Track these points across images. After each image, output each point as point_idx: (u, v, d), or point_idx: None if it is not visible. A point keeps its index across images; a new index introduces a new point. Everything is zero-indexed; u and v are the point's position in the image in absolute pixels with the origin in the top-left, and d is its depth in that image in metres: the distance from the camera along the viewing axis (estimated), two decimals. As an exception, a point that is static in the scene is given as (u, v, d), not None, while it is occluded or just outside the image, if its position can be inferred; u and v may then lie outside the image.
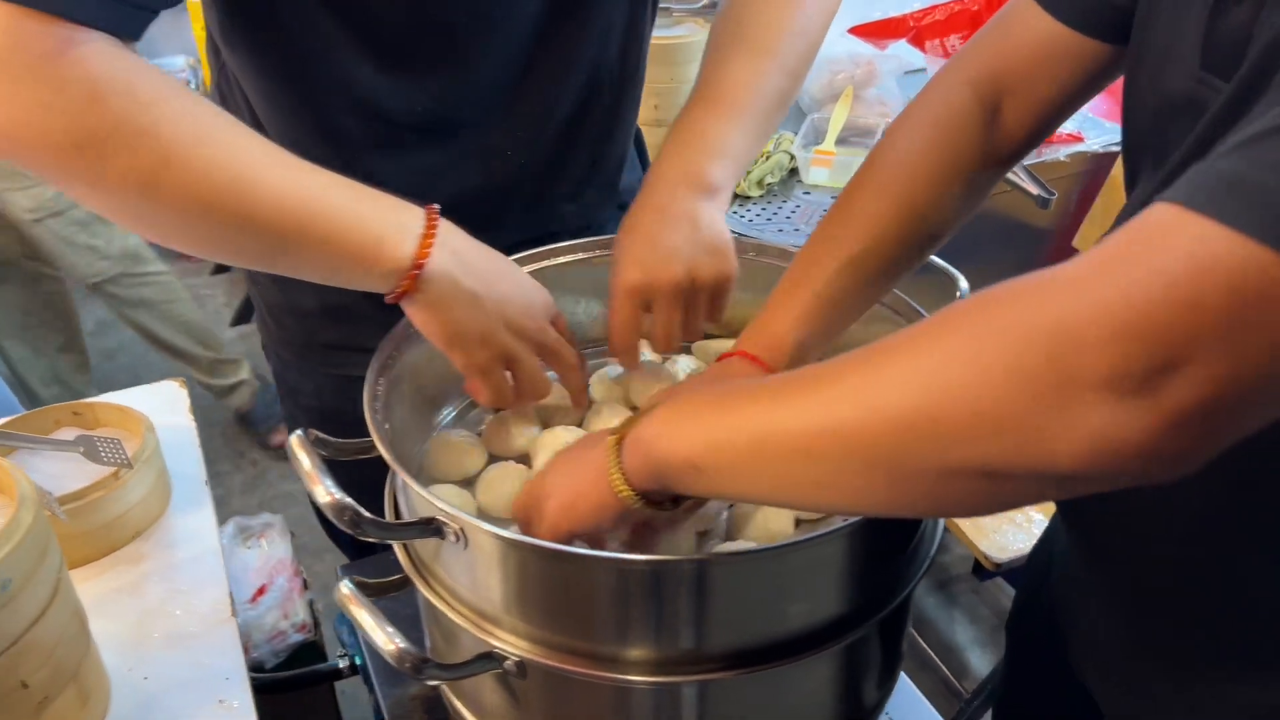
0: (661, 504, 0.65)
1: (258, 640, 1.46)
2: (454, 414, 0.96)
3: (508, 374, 0.82)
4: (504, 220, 0.98)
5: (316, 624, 1.61)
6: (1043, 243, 1.91)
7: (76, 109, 0.63)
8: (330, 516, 0.67)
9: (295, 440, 0.71)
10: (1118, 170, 1.74)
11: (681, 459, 0.59)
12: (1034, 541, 1.55)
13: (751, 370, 0.78)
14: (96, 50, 0.64)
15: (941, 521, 0.79)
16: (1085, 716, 0.89)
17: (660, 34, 1.67)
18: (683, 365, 0.98)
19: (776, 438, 0.54)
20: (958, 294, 0.90)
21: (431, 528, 0.68)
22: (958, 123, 0.78)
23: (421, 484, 0.70)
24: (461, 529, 0.68)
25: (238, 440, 2.78)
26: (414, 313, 0.78)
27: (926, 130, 0.79)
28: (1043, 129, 0.80)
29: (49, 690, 0.77)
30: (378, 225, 0.74)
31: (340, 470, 0.71)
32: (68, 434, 1.06)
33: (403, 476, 0.70)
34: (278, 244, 0.72)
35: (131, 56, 0.67)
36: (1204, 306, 0.42)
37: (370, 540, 0.69)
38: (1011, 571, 1.75)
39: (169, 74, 0.69)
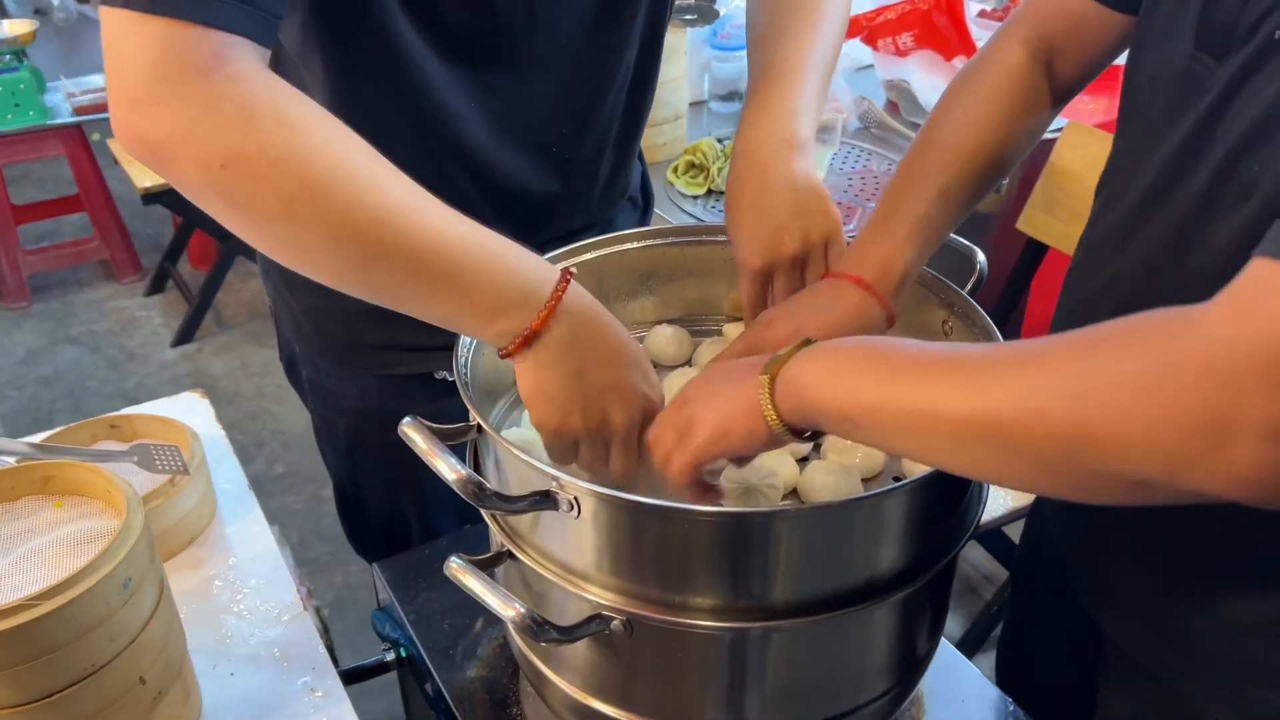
0: (805, 435, 0.70)
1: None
2: (507, 405, 1.00)
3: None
4: (551, 217, 1.03)
5: (326, 630, 1.62)
6: (989, 226, 2.03)
7: (228, 127, 0.64)
8: (457, 490, 0.71)
9: (409, 425, 0.75)
10: (1057, 156, 1.86)
11: (837, 410, 0.64)
12: (1004, 512, 1.66)
13: (860, 295, 0.85)
14: (248, 69, 0.66)
15: (988, 485, 0.85)
16: (1090, 647, 0.95)
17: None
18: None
19: (935, 415, 0.59)
20: (977, 266, 0.98)
21: (548, 498, 0.73)
22: (1018, 74, 0.89)
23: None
24: (575, 497, 0.72)
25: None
26: (523, 370, 0.79)
27: (992, 81, 0.90)
28: (1090, 75, 0.92)
29: (161, 685, 0.79)
30: (509, 289, 0.74)
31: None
32: (110, 446, 1.07)
33: (518, 454, 0.74)
34: (405, 284, 0.73)
35: (276, 78, 0.68)
36: None
37: (490, 509, 0.73)
38: (985, 536, 1.85)
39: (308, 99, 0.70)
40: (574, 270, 0.78)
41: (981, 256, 0.98)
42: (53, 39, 3.94)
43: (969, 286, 0.97)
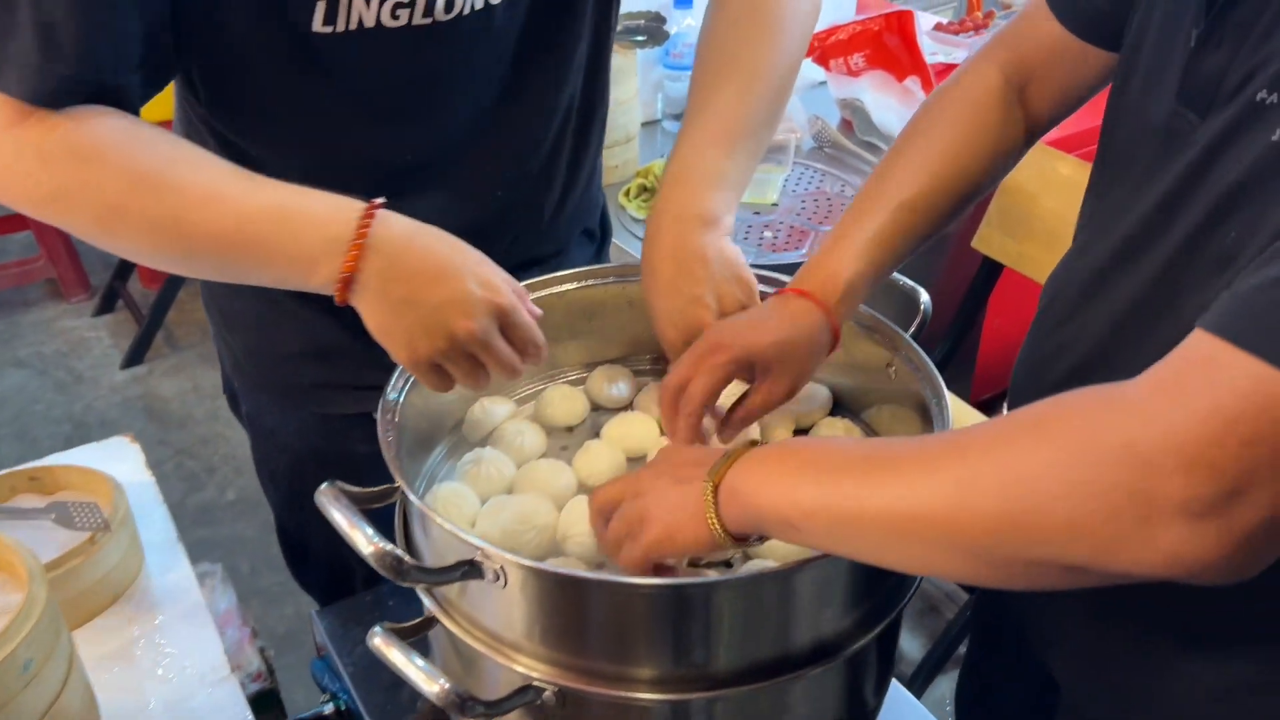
0: (750, 540, 0.69)
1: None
2: (445, 450, 0.97)
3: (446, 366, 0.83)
4: (493, 257, 1.00)
5: (271, 670, 1.58)
6: (945, 246, 2.02)
7: (32, 172, 0.76)
8: (373, 565, 0.68)
9: (325, 493, 0.72)
10: (1011, 175, 1.85)
11: (777, 516, 0.64)
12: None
13: (803, 306, 0.84)
14: (47, 118, 0.75)
15: None
16: (1046, 698, 0.95)
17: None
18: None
19: (870, 515, 0.59)
20: (920, 305, 0.96)
21: (473, 568, 0.70)
22: (992, 97, 0.87)
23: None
24: (502, 567, 0.70)
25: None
26: (360, 311, 0.81)
27: (966, 102, 0.88)
28: (1066, 110, 0.89)
29: (69, 767, 0.75)
30: (314, 240, 0.78)
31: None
32: (29, 501, 1.02)
33: (441, 523, 0.71)
34: (231, 265, 0.82)
35: (84, 113, 0.76)
36: (1263, 442, 0.48)
37: (407, 584, 0.70)
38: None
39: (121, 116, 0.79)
40: (380, 200, 0.79)
41: (925, 296, 0.96)
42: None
43: (913, 328, 0.95)
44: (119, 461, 1.17)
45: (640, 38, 1.75)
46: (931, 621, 2.14)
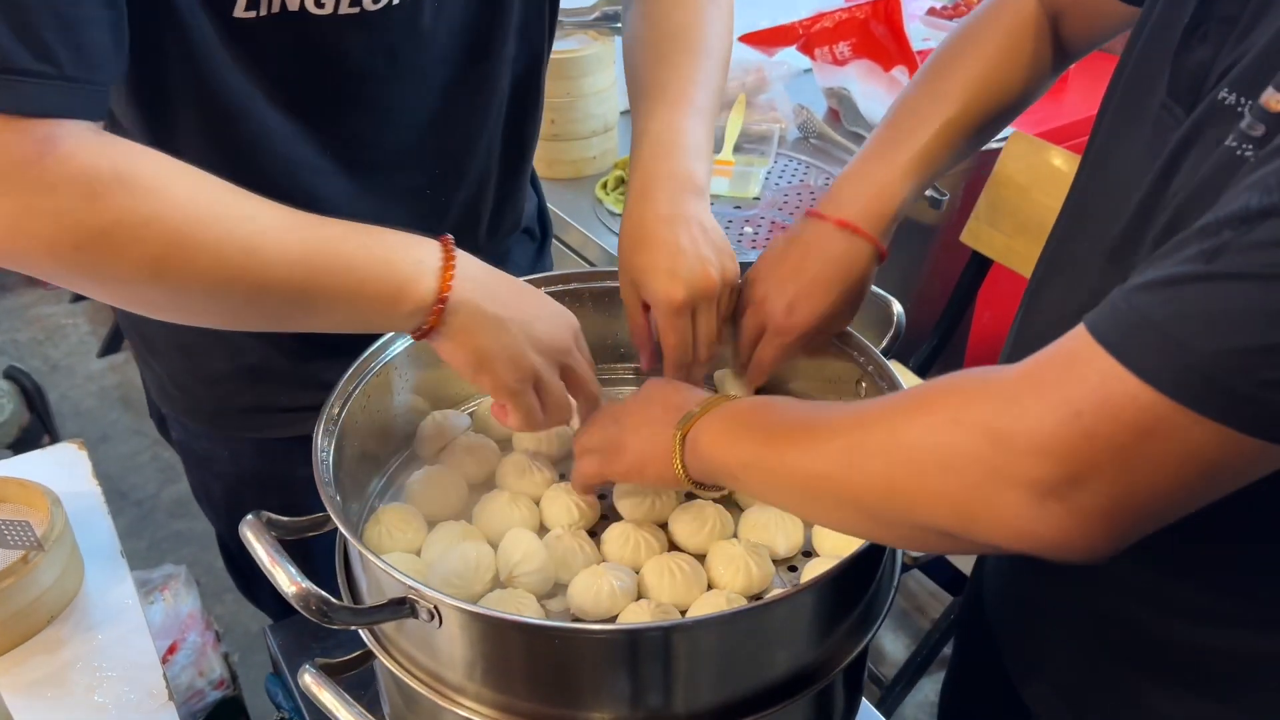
0: (709, 488, 0.77)
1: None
2: (395, 468, 0.93)
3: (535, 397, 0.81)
4: None
5: (234, 677, 1.54)
6: (932, 239, 1.97)
7: (74, 209, 0.62)
8: (296, 606, 0.64)
9: (249, 526, 0.68)
10: (1000, 167, 1.80)
11: (723, 468, 0.70)
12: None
13: (847, 241, 0.84)
14: (81, 144, 0.63)
15: (898, 567, 0.80)
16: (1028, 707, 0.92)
17: (554, 47, 1.65)
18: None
19: (786, 473, 0.66)
20: (894, 316, 0.92)
21: (405, 607, 0.66)
22: (1027, 26, 0.86)
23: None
24: (435, 607, 0.65)
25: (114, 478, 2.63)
26: (440, 345, 0.77)
27: (1000, 29, 0.87)
28: (1085, 48, 0.89)
29: (-17, 811, 0.71)
30: (398, 268, 0.73)
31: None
32: (-38, 516, 0.98)
33: (372, 559, 0.67)
34: (301, 304, 0.72)
35: (115, 141, 0.66)
36: (1099, 436, 0.51)
37: (340, 625, 0.66)
38: (928, 565, 1.81)
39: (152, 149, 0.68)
40: (450, 238, 0.77)
41: (899, 308, 0.92)
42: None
43: (886, 341, 0.90)
44: (65, 469, 1.12)
45: (618, 24, 1.70)
46: (915, 621, 2.10)
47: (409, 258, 0.74)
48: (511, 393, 0.78)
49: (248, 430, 1.01)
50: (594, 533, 0.84)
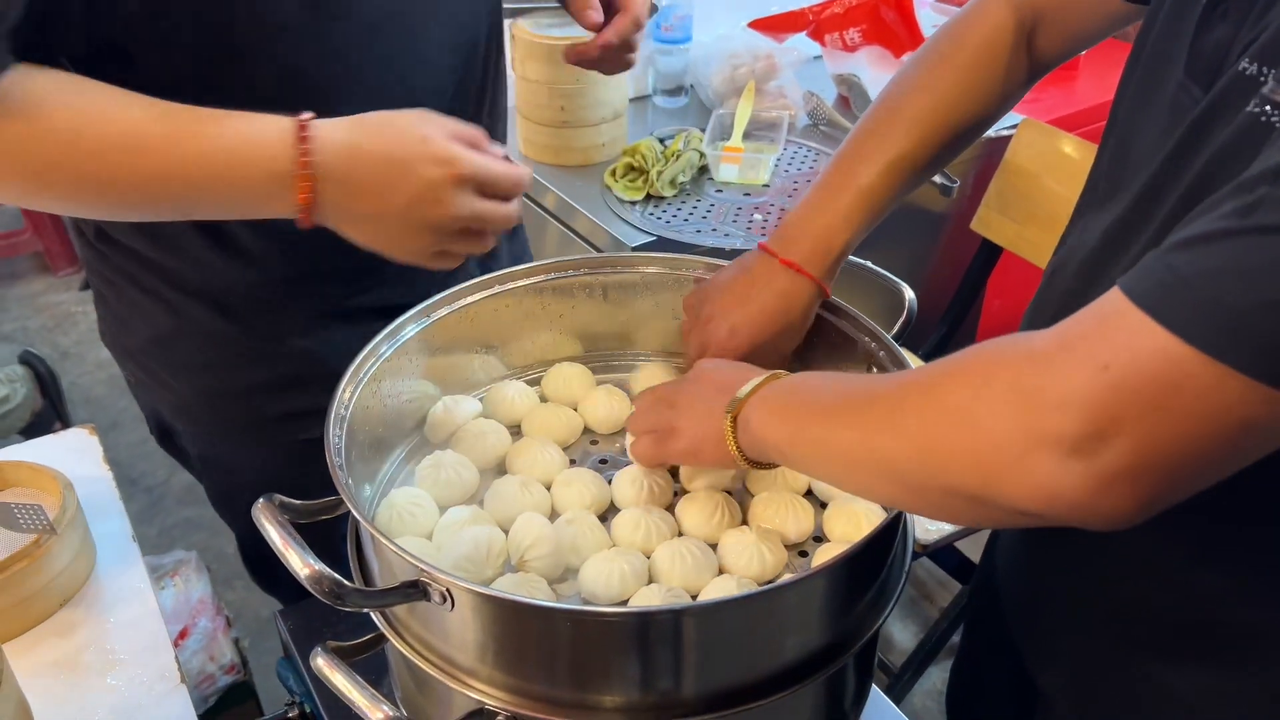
0: (763, 464, 0.76)
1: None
2: (405, 453, 0.93)
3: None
4: (381, 274, 0.95)
5: (244, 662, 1.55)
6: (943, 227, 1.97)
7: None
8: (309, 587, 0.64)
9: (262, 509, 0.68)
10: (1011, 155, 1.80)
11: (774, 445, 0.71)
12: (952, 530, 1.62)
13: (790, 278, 0.85)
14: None
15: (909, 552, 0.80)
16: (1035, 703, 0.92)
17: (563, 34, 1.64)
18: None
19: (829, 444, 0.66)
20: (905, 302, 0.92)
21: (417, 590, 0.66)
22: (998, 38, 0.85)
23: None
24: (448, 589, 0.65)
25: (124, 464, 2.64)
26: (339, 227, 0.79)
27: (970, 42, 0.86)
28: (1069, 54, 0.87)
29: (-2, 791, 0.72)
30: (256, 185, 0.76)
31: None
32: (-26, 499, 0.98)
33: (384, 541, 0.67)
34: (178, 204, 0.79)
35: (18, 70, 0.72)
36: (1126, 389, 0.50)
37: (352, 608, 0.66)
38: (937, 553, 1.81)
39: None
40: (307, 116, 0.76)
41: (910, 294, 0.91)
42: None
43: (897, 328, 0.90)
44: (77, 454, 1.13)
45: (628, 11, 1.69)
46: (923, 609, 2.10)
47: (264, 173, 0.75)
48: (435, 257, 0.80)
49: (281, 437, 1.01)
50: (604, 518, 0.84)
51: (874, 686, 0.93)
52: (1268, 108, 0.54)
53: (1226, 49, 0.61)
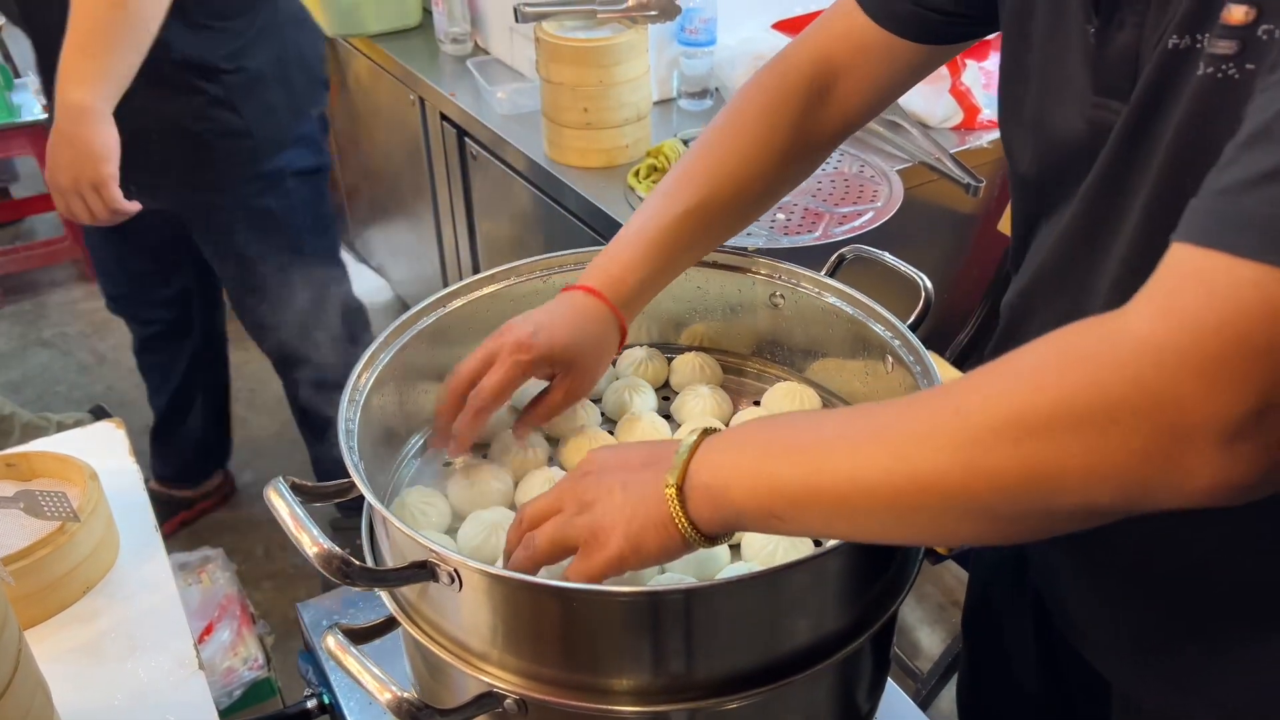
0: (723, 539, 0.64)
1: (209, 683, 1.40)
2: (420, 442, 0.93)
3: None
4: None
5: (268, 659, 1.56)
6: (970, 227, 1.95)
7: None
8: (318, 567, 0.65)
9: (273, 490, 0.68)
10: (1039, 154, 1.78)
11: (759, 508, 0.58)
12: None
13: (597, 308, 0.85)
14: None
15: None
16: (1049, 692, 0.93)
17: (586, 35, 1.65)
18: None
19: (867, 490, 0.54)
20: (921, 290, 0.91)
21: (425, 570, 0.66)
22: (786, 97, 0.85)
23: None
24: (456, 570, 0.66)
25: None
26: None
27: (759, 100, 0.87)
28: (870, 111, 0.87)
29: (17, 770, 0.72)
30: None
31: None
32: (3, 488, 1.00)
33: (390, 520, 0.68)
34: None
35: None
36: (1260, 346, 0.44)
37: (361, 586, 0.67)
38: (962, 554, 1.78)
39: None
40: None
41: (926, 281, 0.90)
42: (18, 36, 3.86)
43: (914, 316, 0.89)
44: (104, 446, 1.14)
45: (652, 13, 1.69)
46: (951, 615, 2.08)
47: None
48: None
49: None
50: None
51: (901, 692, 0.92)
52: (1223, 65, 0.53)
53: (1136, 53, 0.60)
